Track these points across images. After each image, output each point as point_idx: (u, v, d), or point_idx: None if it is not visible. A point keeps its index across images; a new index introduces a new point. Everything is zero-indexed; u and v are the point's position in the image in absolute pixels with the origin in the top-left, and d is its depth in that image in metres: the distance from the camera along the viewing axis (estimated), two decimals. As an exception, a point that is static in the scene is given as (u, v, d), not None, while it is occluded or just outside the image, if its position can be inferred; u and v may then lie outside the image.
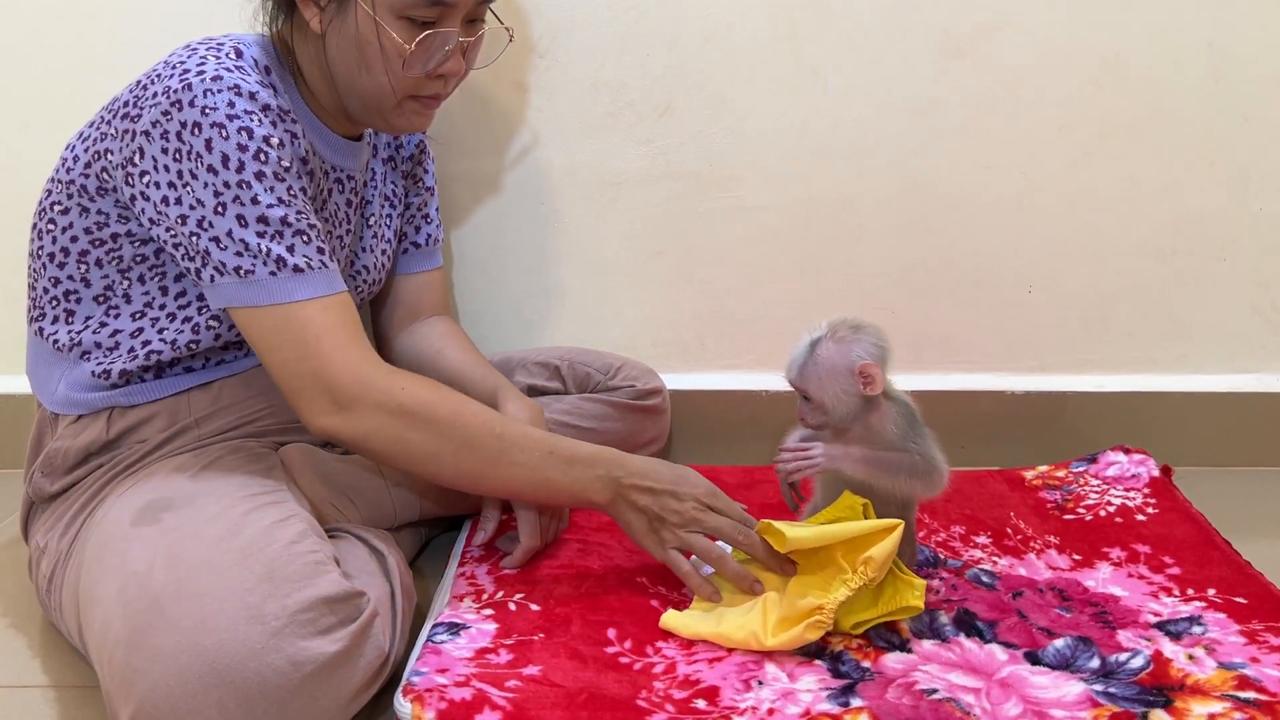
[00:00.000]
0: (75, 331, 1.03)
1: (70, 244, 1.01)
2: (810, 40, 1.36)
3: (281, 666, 0.79)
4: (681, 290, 1.46)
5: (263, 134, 0.92)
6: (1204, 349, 1.46)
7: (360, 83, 1.00)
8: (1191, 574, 1.10)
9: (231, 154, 0.91)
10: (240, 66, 0.95)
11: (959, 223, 1.42)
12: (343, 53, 0.99)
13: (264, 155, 0.92)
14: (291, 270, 0.93)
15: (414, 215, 1.27)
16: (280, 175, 0.93)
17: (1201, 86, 1.37)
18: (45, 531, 1.02)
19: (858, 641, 0.98)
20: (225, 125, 0.91)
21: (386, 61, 0.98)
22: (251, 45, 1.00)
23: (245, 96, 0.92)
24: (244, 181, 0.92)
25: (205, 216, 0.92)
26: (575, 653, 0.95)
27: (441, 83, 1.03)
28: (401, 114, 1.03)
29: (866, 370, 0.96)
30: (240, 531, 0.87)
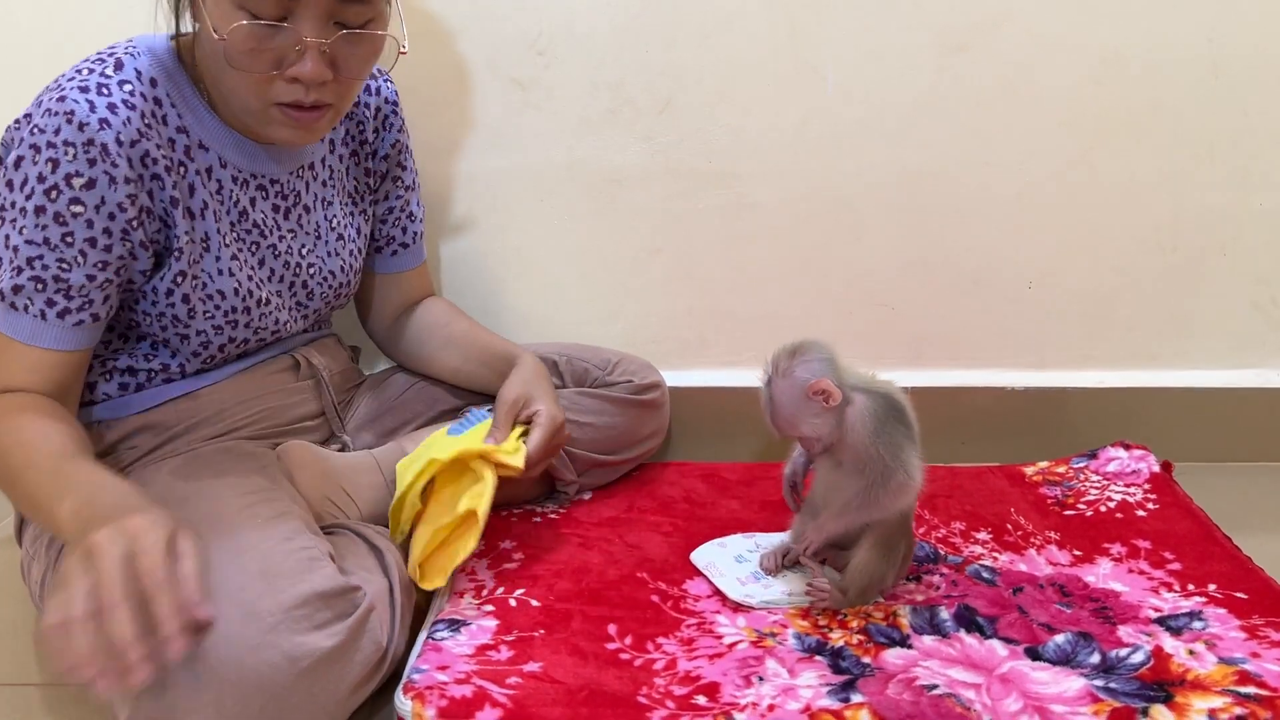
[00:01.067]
0: None
1: None
2: (810, 37, 1.35)
3: (277, 662, 0.79)
4: (681, 287, 1.46)
5: (68, 170, 0.89)
6: (1205, 344, 1.46)
7: (222, 84, 0.95)
8: (1192, 569, 1.10)
9: (30, 179, 0.89)
10: (103, 85, 0.91)
11: (959, 219, 1.42)
12: (207, 54, 0.95)
13: (55, 193, 0.89)
14: (7, 306, 0.91)
15: (398, 216, 1.24)
16: (62, 218, 0.90)
17: (1201, 81, 1.36)
18: (34, 539, 1.02)
19: (858, 638, 0.98)
20: (41, 150, 0.89)
21: (230, 59, 0.91)
22: (144, 54, 0.96)
23: (74, 126, 0.88)
24: (23, 209, 0.89)
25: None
26: (576, 649, 0.96)
27: (300, 89, 0.93)
28: (270, 123, 0.96)
29: (818, 387, 0.98)
30: (234, 530, 0.87)
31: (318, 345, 1.18)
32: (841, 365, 1.01)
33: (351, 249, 1.17)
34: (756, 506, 1.27)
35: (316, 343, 1.19)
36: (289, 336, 1.14)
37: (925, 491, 1.28)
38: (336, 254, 1.14)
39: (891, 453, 0.98)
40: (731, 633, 0.99)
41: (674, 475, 1.37)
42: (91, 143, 0.89)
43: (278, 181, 1.07)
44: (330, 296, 1.16)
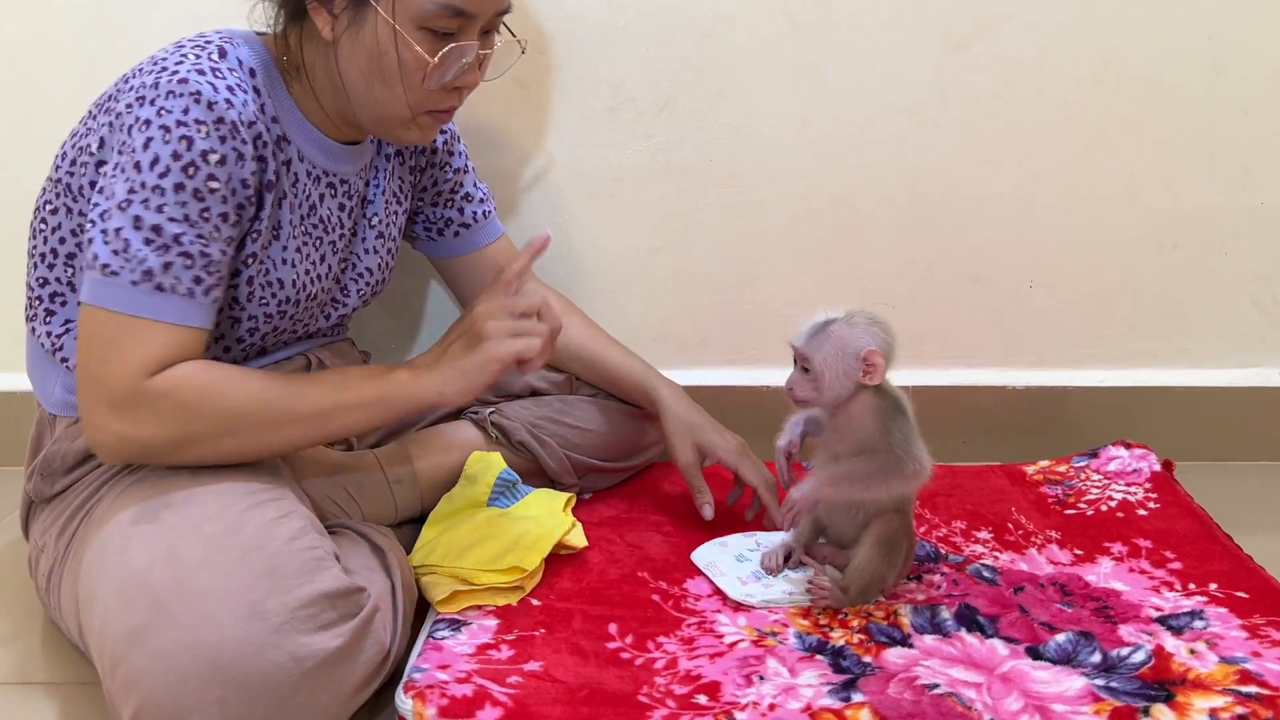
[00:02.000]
0: (57, 335, 1.02)
1: (59, 245, 1.00)
2: (810, 35, 1.35)
3: (283, 662, 0.79)
4: (681, 286, 1.46)
5: (203, 148, 0.90)
6: (1205, 343, 1.46)
7: (374, 93, 0.98)
8: (1193, 569, 1.10)
9: (163, 158, 0.89)
10: (216, 69, 0.92)
11: (959, 218, 1.42)
12: (356, 62, 0.97)
13: (193, 169, 0.89)
14: (154, 287, 0.90)
15: (449, 198, 1.24)
16: (200, 194, 0.90)
17: (1201, 80, 1.36)
18: (44, 531, 1.02)
19: (859, 637, 0.98)
20: (171, 129, 0.89)
21: (404, 73, 0.95)
22: (241, 45, 0.97)
23: (203, 105, 0.90)
24: (160, 188, 0.89)
25: (109, 209, 0.90)
26: (576, 648, 0.96)
27: (457, 95, 1.01)
28: (412, 127, 1.01)
29: (872, 358, 0.98)
30: (240, 529, 0.87)
31: (332, 348, 1.18)
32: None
33: (389, 247, 1.18)
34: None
35: (331, 345, 1.19)
36: (307, 337, 1.14)
37: (926, 490, 1.29)
38: (375, 251, 1.15)
39: (904, 446, 0.99)
40: (732, 632, 0.99)
41: (675, 474, 1.36)
42: (221, 120, 0.90)
43: (346, 181, 1.08)
44: (366, 293, 1.16)
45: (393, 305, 1.47)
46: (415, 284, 1.47)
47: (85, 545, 0.93)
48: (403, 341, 1.50)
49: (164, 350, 0.90)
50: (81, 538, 0.95)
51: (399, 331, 1.50)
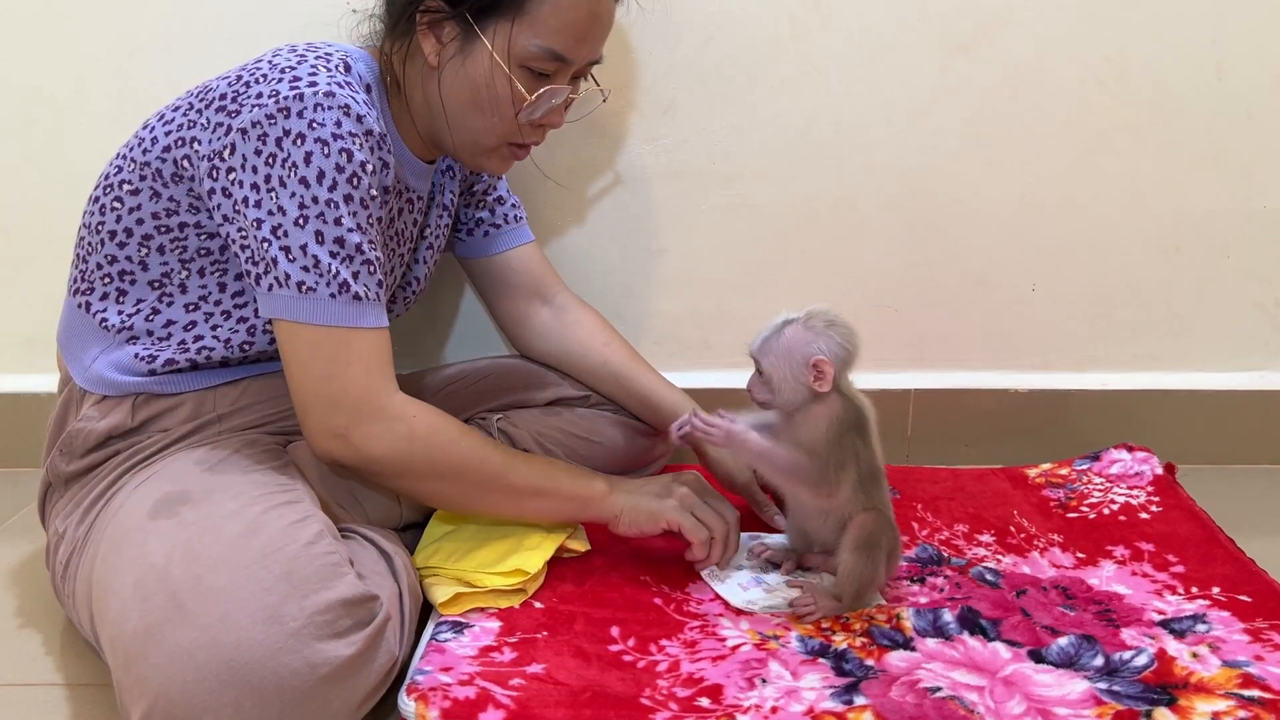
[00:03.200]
0: (127, 314, 1.03)
1: (135, 225, 1.00)
2: (813, 38, 1.36)
3: (298, 668, 0.79)
4: (684, 288, 1.46)
5: (361, 159, 0.93)
6: (1207, 346, 1.46)
7: (470, 121, 1.02)
8: (1195, 572, 1.10)
9: (328, 171, 0.92)
10: (349, 83, 0.95)
11: (961, 220, 1.42)
12: (456, 90, 1.01)
13: (357, 180, 0.93)
14: (351, 297, 0.94)
15: (481, 199, 1.26)
16: (365, 202, 0.95)
17: (1204, 83, 1.36)
18: (64, 518, 1.02)
19: (861, 640, 0.98)
20: (329, 143, 0.92)
21: (501, 106, 1.01)
22: (358, 60, 1.01)
23: (353, 118, 0.93)
24: (333, 201, 0.92)
25: (283, 225, 0.92)
26: (579, 651, 0.96)
27: (540, 132, 1.06)
28: (494, 157, 1.06)
29: (820, 365, 0.98)
30: (259, 530, 0.87)
31: None
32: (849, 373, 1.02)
33: (434, 257, 1.21)
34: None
35: None
36: None
37: (927, 493, 1.30)
38: (425, 262, 1.19)
39: (837, 466, 1.00)
40: (735, 635, 0.99)
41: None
42: (370, 133, 0.94)
43: (421, 197, 1.12)
44: (411, 301, 1.20)
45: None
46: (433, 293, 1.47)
47: (103, 535, 0.93)
48: (419, 346, 1.50)
49: (378, 356, 0.96)
50: (99, 527, 0.96)
51: (414, 336, 1.50)
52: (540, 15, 0.97)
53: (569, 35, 0.99)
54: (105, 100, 1.38)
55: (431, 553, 1.06)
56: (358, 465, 0.97)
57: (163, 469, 0.97)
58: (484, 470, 1.01)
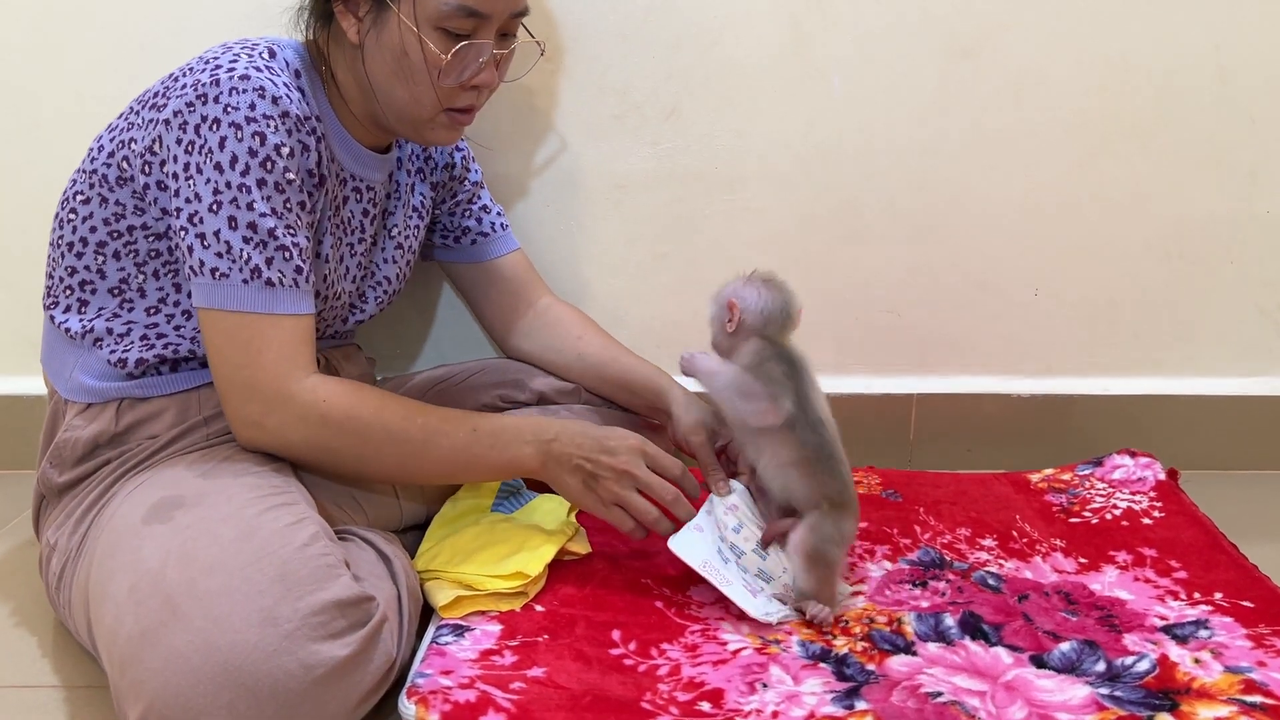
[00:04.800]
0: (88, 320, 1.04)
1: (89, 234, 1.02)
2: (816, 43, 1.36)
3: (293, 669, 0.79)
4: (686, 293, 1.46)
5: (275, 142, 0.93)
6: (1211, 352, 1.46)
7: (397, 93, 1.02)
8: (1198, 578, 1.10)
9: (241, 155, 0.92)
10: (271, 67, 0.96)
11: (964, 225, 1.42)
12: (380, 63, 1.01)
13: (271, 163, 0.93)
14: (264, 283, 0.94)
15: (466, 208, 1.27)
16: (281, 186, 0.94)
17: (1208, 89, 1.36)
18: (55, 529, 1.02)
19: (863, 644, 0.98)
20: (242, 126, 0.92)
21: (419, 73, 0.99)
22: (286, 48, 1.01)
23: (268, 100, 0.93)
24: (245, 185, 0.93)
25: (198, 211, 0.93)
26: (580, 654, 0.95)
27: (475, 94, 1.04)
28: (435, 126, 1.05)
29: (731, 306, 1.06)
30: (254, 532, 0.87)
31: (341, 350, 1.20)
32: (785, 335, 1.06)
33: (407, 258, 1.20)
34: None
35: (341, 348, 1.20)
36: (321, 338, 1.15)
37: (930, 496, 1.29)
38: (394, 261, 1.18)
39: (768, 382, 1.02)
40: (736, 639, 0.99)
41: (679, 480, 1.36)
42: (287, 114, 0.94)
43: (372, 188, 1.11)
44: (384, 300, 1.19)
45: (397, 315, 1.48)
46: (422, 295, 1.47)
47: (97, 543, 0.94)
48: (408, 348, 1.50)
49: (293, 342, 0.96)
50: (93, 535, 0.96)
51: (403, 339, 1.50)
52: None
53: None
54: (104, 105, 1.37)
55: (432, 555, 1.06)
56: (280, 452, 0.98)
57: (156, 474, 0.98)
58: (405, 447, 0.99)
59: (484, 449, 1.01)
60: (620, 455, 1.01)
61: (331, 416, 0.96)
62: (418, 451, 0.99)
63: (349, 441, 0.97)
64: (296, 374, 0.96)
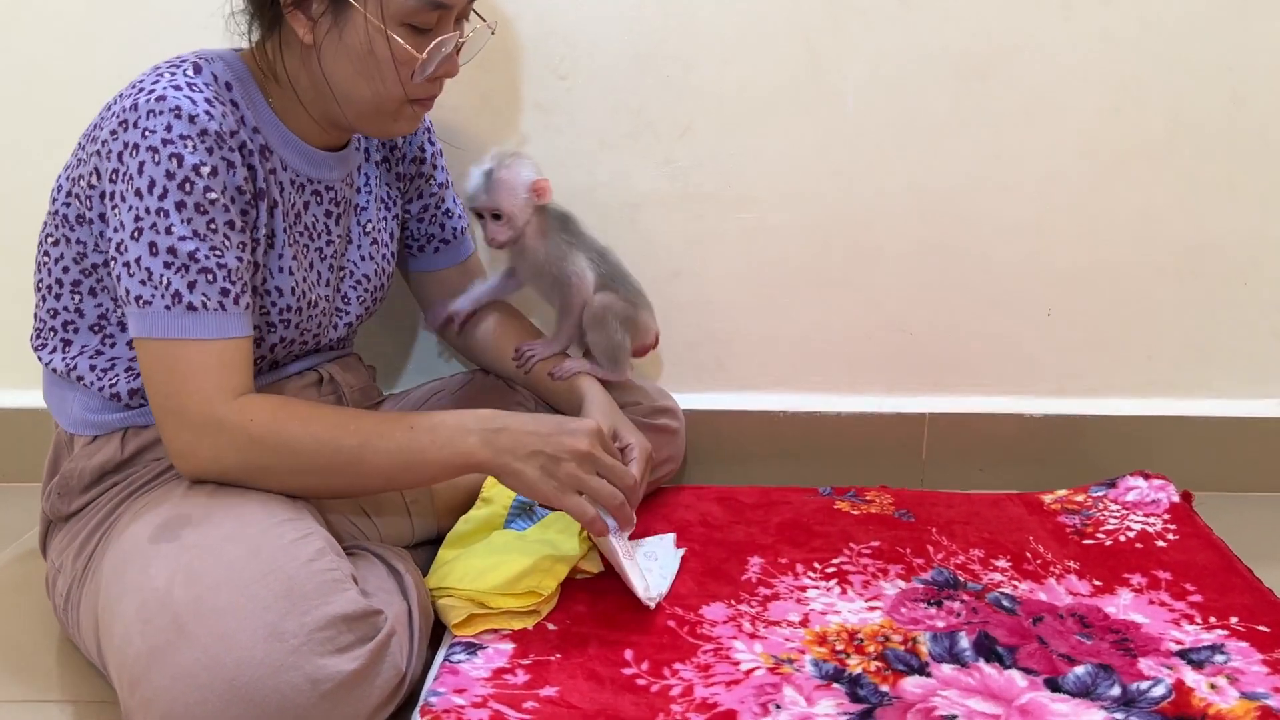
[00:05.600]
0: (70, 358, 1.03)
1: (63, 274, 1.02)
2: (829, 62, 1.36)
3: (300, 684, 0.79)
4: (699, 310, 1.46)
5: (193, 161, 0.91)
6: (1225, 373, 1.45)
7: (359, 91, 1.00)
8: (1213, 601, 1.09)
9: (158, 179, 0.91)
10: (192, 84, 0.94)
11: (977, 245, 1.42)
12: (340, 63, 0.99)
13: (189, 184, 0.91)
14: (185, 307, 0.92)
15: (434, 214, 1.26)
16: (202, 207, 0.92)
17: (1221, 110, 1.36)
18: (61, 550, 1.02)
19: (876, 665, 0.98)
20: (159, 149, 0.90)
21: (386, 71, 0.98)
22: (216, 60, 0.99)
23: (184, 120, 0.91)
24: (163, 209, 0.91)
25: (123, 240, 0.92)
26: (592, 674, 0.95)
27: (438, 84, 1.04)
28: (400, 118, 1.04)
29: (539, 185, 1.17)
30: (260, 549, 0.87)
31: (341, 362, 1.19)
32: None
33: (385, 253, 1.19)
34: (774, 530, 1.27)
35: (339, 360, 1.20)
36: (319, 350, 1.15)
37: (943, 516, 1.29)
38: (371, 258, 1.17)
39: (558, 261, 1.20)
40: (749, 659, 0.99)
41: (690, 499, 1.36)
42: (205, 132, 0.92)
43: (332, 188, 1.10)
44: (367, 300, 1.18)
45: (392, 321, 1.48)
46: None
47: (103, 563, 0.94)
48: (400, 358, 1.50)
49: (219, 366, 0.93)
50: (99, 556, 0.96)
51: (399, 346, 1.50)
52: None
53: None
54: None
55: (445, 574, 1.06)
56: (219, 479, 0.95)
57: (161, 494, 0.97)
58: (339, 457, 0.94)
59: (424, 445, 0.95)
60: (580, 437, 0.97)
61: (259, 435, 0.92)
62: (354, 459, 0.94)
63: (282, 459, 0.93)
64: (223, 397, 0.93)
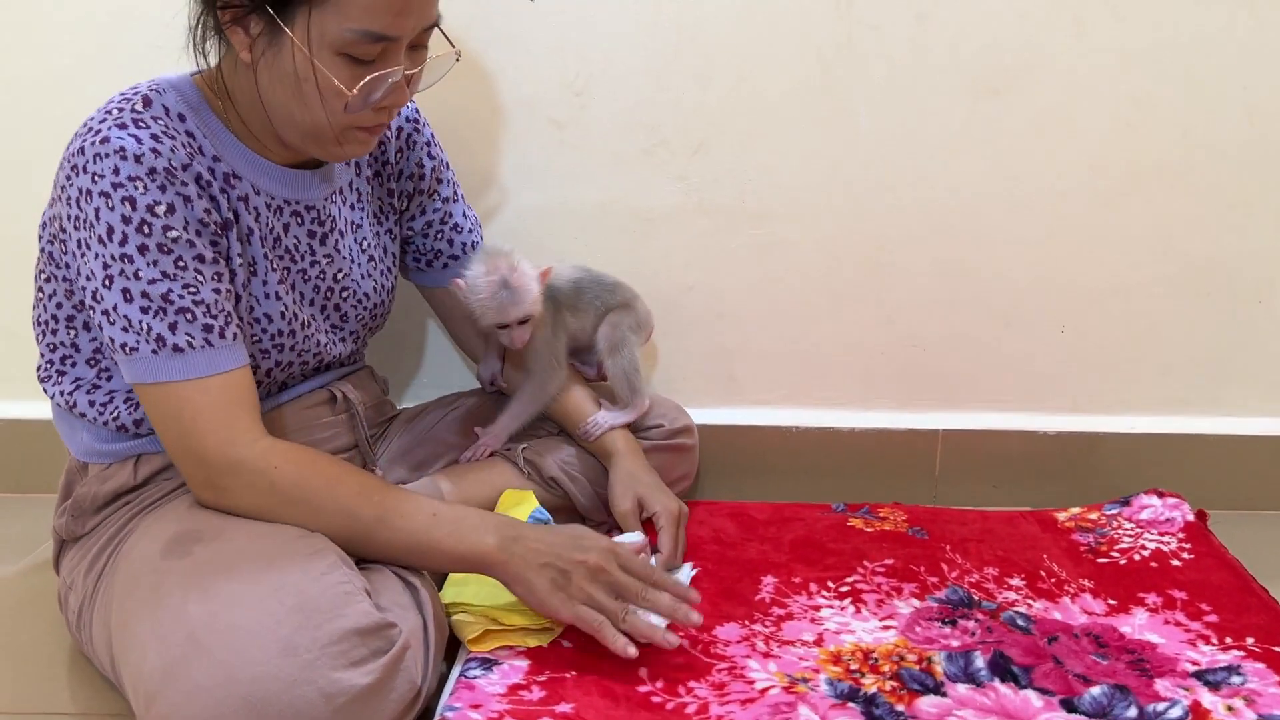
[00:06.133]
0: (67, 393, 1.03)
1: (56, 310, 1.02)
2: (843, 79, 1.36)
3: (313, 698, 0.79)
4: (712, 325, 1.47)
5: (147, 202, 0.89)
6: (1240, 391, 1.45)
7: (294, 116, 0.95)
8: (1229, 622, 1.09)
9: (116, 225, 0.89)
10: (139, 119, 0.91)
11: (990, 261, 1.42)
12: (274, 86, 0.94)
13: (147, 227, 0.90)
14: (171, 349, 0.91)
15: (439, 229, 1.23)
16: (165, 247, 0.90)
17: (1236, 127, 1.36)
18: (72, 568, 1.03)
19: (891, 684, 0.97)
20: (111, 194, 0.89)
21: (325, 100, 0.93)
22: (168, 91, 0.96)
23: (130, 160, 0.89)
24: (127, 255, 0.90)
25: (97, 289, 0.91)
26: (607, 691, 0.95)
27: (385, 113, 0.98)
28: (343, 144, 0.98)
29: (545, 274, 1.21)
30: (272, 564, 0.87)
31: (352, 379, 1.19)
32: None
33: (382, 268, 1.17)
34: (787, 548, 1.27)
35: (351, 376, 1.20)
36: (327, 368, 1.15)
37: (956, 534, 1.29)
38: (369, 275, 1.15)
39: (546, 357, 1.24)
40: (763, 678, 0.99)
41: (702, 514, 1.36)
42: (154, 171, 0.90)
43: (313, 208, 1.07)
44: (366, 317, 1.16)
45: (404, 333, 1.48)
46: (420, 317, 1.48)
47: (115, 580, 0.94)
48: (411, 370, 1.51)
49: (224, 405, 0.93)
50: (111, 573, 0.96)
51: (411, 359, 1.51)
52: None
53: (384, 10, 0.89)
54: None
55: (459, 590, 1.06)
56: (234, 513, 0.95)
57: (172, 509, 0.98)
58: (355, 526, 0.95)
59: (442, 535, 0.95)
60: (592, 554, 0.96)
61: (282, 485, 0.93)
62: (368, 532, 0.95)
63: (299, 511, 0.94)
64: (240, 438, 0.93)
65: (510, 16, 1.34)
